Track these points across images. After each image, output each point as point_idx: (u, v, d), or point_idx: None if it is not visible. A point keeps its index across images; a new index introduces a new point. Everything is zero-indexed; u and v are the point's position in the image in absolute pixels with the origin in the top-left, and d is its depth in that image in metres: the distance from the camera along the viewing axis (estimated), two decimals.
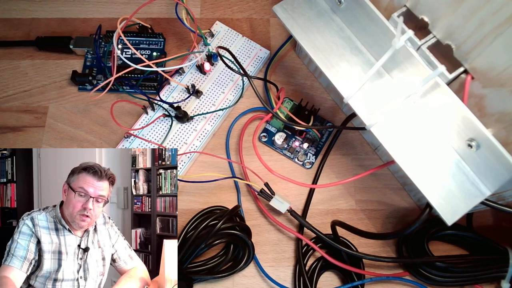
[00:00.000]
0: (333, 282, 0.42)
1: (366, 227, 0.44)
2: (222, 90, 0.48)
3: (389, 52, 0.31)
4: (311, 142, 0.46)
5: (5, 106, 0.48)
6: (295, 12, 0.37)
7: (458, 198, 0.31)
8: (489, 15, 0.25)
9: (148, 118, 0.46)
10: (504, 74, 0.27)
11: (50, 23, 0.52)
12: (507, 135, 0.29)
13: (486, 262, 0.39)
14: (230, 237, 0.39)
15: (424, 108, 0.33)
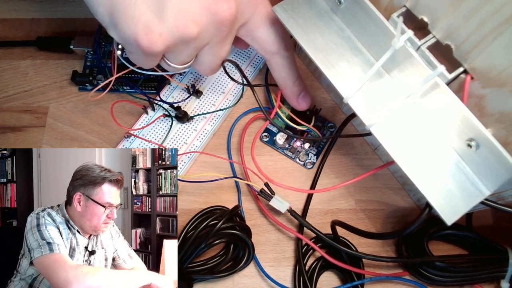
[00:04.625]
0: (333, 282, 0.42)
1: (366, 227, 0.44)
2: (222, 90, 0.48)
3: (389, 52, 0.31)
4: (312, 142, 0.46)
5: (5, 106, 0.48)
6: (295, 12, 0.37)
7: (458, 198, 0.31)
8: (489, 15, 0.25)
9: (148, 118, 0.46)
10: (504, 74, 0.27)
11: (51, 23, 0.52)
12: (507, 135, 0.29)
13: (486, 262, 0.39)
14: (230, 237, 0.39)
15: (424, 108, 0.33)
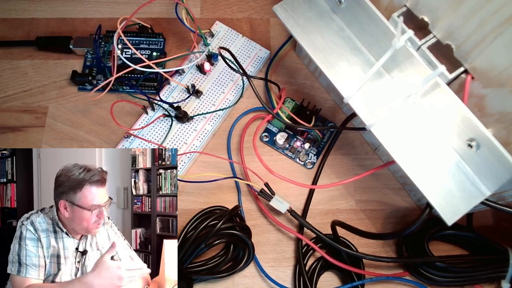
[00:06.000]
0: (333, 282, 0.42)
1: (366, 227, 0.44)
2: (222, 90, 0.48)
3: (389, 52, 0.31)
4: (312, 142, 0.46)
5: (5, 106, 0.48)
6: (295, 12, 0.37)
7: (458, 198, 0.31)
8: (489, 15, 0.25)
9: (148, 118, 0.46)
10: (504, 74, 0.27)
11: (50, 23, 0.52)
12: (507, 135, 0.29)
13: (486, 262, 0.39)
14: (230, 237, 0.39)
15: (424, 108, 0.33)
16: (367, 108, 0.34)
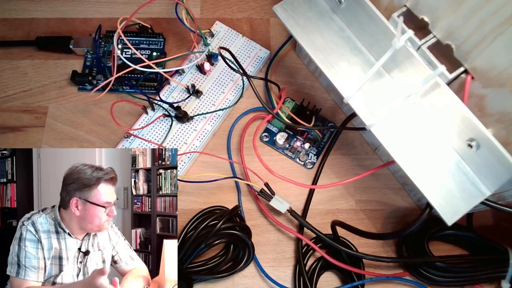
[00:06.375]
0: (333, 282, 0.42)
1: (366, 227, 0.44)
2: (222, 90, 0.48)
3: (389, 52, 0.31)
4: (312, 142, 0.46)
5: (5, 106, 0.48)
6: (295, 12, 0.37)
7: (458, 198, 0.31)
8: (489, 15, 0.25)
9: (148, 118, 0.46)
10: (504, 74, 0.27)
11: (50, 23, 0.52)
12: (507, 135, 0.29)
13: (486, 262, 0.39)
14: (230, 237, 0.39)
15: (424, 108, 0.33)
16: (367, 108, 0.34)
